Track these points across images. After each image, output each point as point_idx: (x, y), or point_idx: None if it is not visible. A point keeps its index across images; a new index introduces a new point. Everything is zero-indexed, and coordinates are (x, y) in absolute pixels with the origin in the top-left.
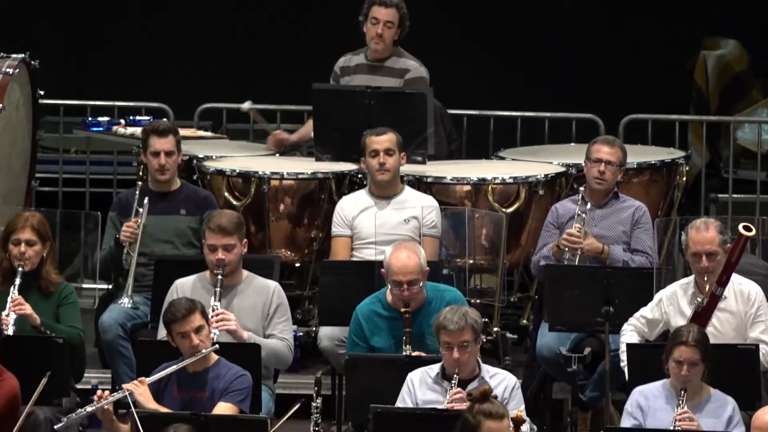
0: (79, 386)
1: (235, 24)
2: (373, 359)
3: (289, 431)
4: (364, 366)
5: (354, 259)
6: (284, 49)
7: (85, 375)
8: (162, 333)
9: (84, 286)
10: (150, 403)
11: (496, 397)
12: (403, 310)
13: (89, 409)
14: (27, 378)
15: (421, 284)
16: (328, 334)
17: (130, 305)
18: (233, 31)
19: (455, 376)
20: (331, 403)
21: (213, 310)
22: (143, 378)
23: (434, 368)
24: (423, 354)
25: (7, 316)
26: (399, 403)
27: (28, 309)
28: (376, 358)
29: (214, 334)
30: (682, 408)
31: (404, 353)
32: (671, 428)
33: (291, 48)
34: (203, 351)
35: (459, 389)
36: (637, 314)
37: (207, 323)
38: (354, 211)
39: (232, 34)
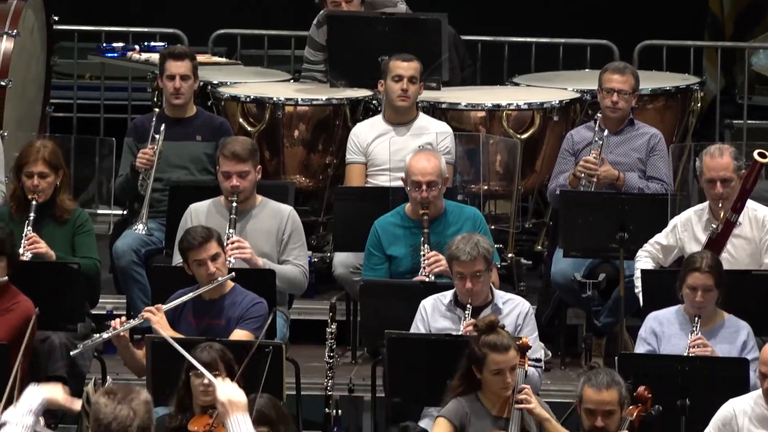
0: (94, 311)
1: None
2: (387, 285)
3: (305, 357)
4: (379, 292)
5: (368, 185)
6: None
7: (100, 300)
8: (177, 259)
9: (99, 212)
10: (166, 330)
11: (503, 327)
12: (421, 212)
13: (105, 335)
14: (42, 303)
15: (440, 187)
16: (342, 261)
17: (144, 231)
18: None
19: (468, 306)
20: (345, 329)
21: (228, 238)
22: (160, 305)
23: (447, 295)
24: (440, 255)
25: (23, 255)
26: (413, 330)
27: (42, 247)
28: (391, 284)
29: (230, 261)
30: (696, 334)
31: (422, 254)
32: (685, 354)
33: None
34: (219, 279)
35: (472, 320)
36: (651, 240)
37: (223, 251)
38: (369, 137)
39: None
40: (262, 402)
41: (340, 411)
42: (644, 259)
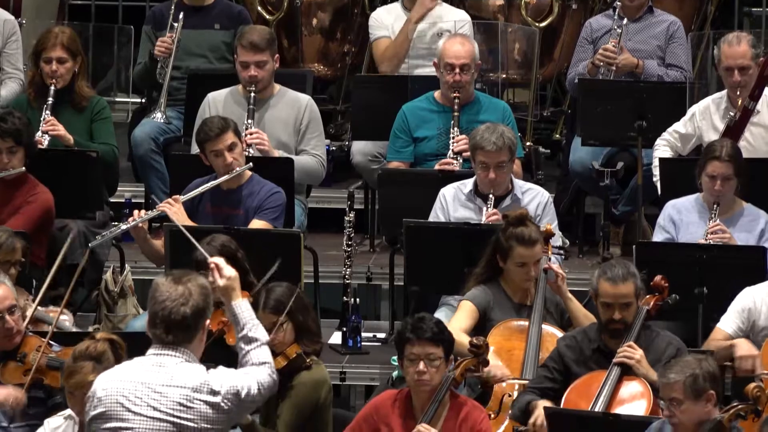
0: (112, 200)
1: None
2: (406, 173)
3: (323, 245)
4: (397, 180)
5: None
6: None
7: (119, 189)
8: (195, 147)
9: (117, 100)
10: (184, 220)
11: (532, 220)
12: (453, 95)
13: (123, 226)
14: (61, 192)
15: (472, 72)
16: (361, 149)
17: (163, 120)
18: None
19: (491, 196)
20: (363, 218)
21: (246, 128)
22: (177, 196)
23: (467, 184)
24: (467, 140)
25: (41, 138)
26: (432, 219)
27: (61, 130)
28: (409, 172)
29: (248, 152)
30: (715, 221)
31: (451, 137)
32: (704, 240)
33: None
34: (237, 169)
35: (495, 210)
36: (670, 129)
37: (240, 141)
38: (388, 22)
39: None
40: (280, 291)
41: (357, 299)
42: (662, 148)
